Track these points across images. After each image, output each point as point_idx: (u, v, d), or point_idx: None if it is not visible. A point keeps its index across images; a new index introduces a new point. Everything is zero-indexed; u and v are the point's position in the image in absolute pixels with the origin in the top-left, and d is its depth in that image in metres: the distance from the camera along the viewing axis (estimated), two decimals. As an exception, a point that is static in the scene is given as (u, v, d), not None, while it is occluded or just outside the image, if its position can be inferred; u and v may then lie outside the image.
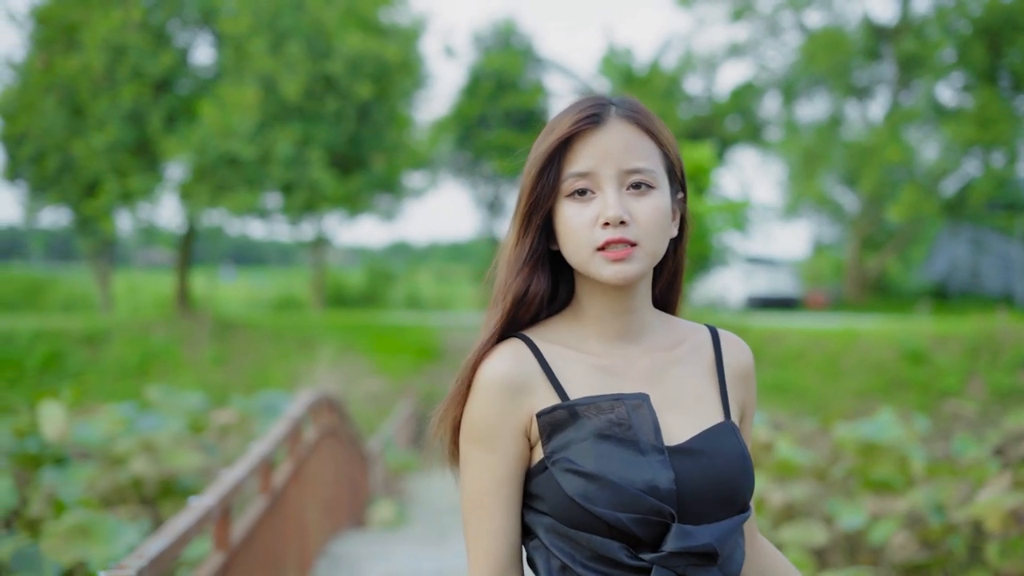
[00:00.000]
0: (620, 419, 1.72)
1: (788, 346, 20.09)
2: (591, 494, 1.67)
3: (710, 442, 1.75)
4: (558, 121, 1.79)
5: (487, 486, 1.76)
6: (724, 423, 1.80)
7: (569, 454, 1.70)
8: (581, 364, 1.80)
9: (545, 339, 1.82)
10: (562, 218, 1.76)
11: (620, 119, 1.78)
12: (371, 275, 33.91)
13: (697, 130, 33.21)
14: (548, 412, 1.73)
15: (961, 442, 11.45)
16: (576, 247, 1.75)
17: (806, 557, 8.11)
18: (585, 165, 1.74)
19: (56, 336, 21.10)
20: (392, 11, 25.22)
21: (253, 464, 4.74)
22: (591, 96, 1.82)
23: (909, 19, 29.75)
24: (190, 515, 3.47)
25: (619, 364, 1.81)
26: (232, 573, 4.24)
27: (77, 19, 22.22)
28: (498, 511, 1.76)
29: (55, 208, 24.14)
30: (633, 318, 1.83)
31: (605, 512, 1.66)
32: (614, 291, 1.80)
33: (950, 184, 29.49)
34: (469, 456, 1.78)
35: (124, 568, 2.71)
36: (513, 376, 1.75)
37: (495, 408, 1.75)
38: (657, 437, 1.71)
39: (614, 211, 1.71)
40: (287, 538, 5.95)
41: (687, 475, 1.71)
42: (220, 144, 21.48)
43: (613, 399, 1.73)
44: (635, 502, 1.66)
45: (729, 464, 1.75)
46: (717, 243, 21.91)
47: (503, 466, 1.76)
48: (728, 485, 1.73)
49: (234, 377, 20.27)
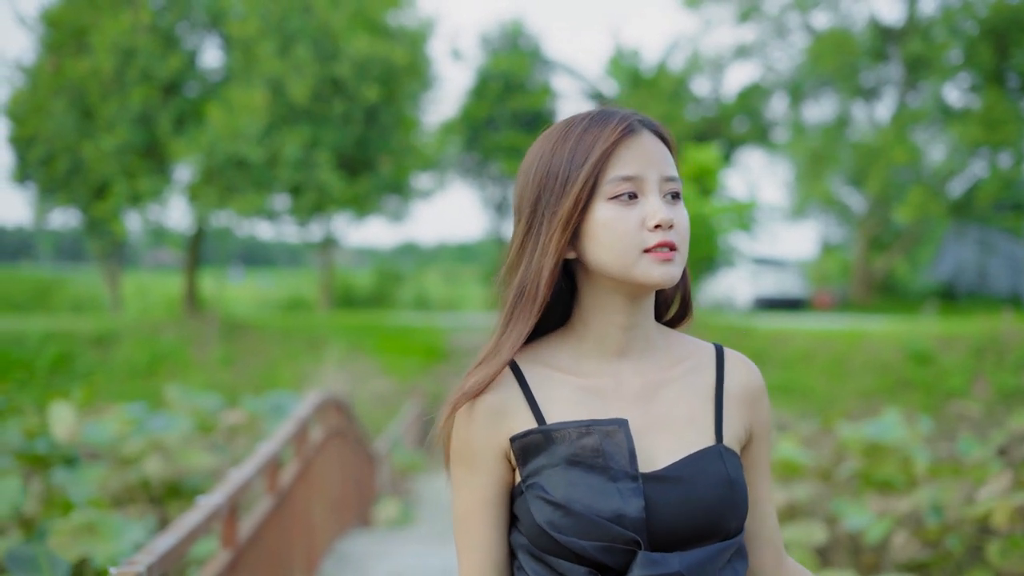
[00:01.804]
0: (592, 445, 1.69)
1: (794, 347, 20.13)
2: (557, 522, 1.66)
3: (691, 468, 1.72)
4: (595, 127, 1.76)
5: (471, 507, 1.77)
6: (711, 448, 1.75)
7: (540, 480, 1.70)
8: (567, 386, 1.78)
9: (534, 360, 1.81)
10: (602, 221, 1.73)
11: (647, 130, 1.79)
12: (379, 276, 34.00)
13: (704, 131, 33.26)
14: (521, 437, 1.72)
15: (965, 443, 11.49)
16: (622, 249, 1.72)
17: (808, 556, 8.17)
18: (632, 169, 1.73)
19: (66, 337, 21.21)
20: (399, 14, 25.30)
21: (260, 464, 4.83)
22: (605, 109, 1.81)
23: (916, 20, 29.77)
24: (198, 513, 3.55)
25: (609, 385, 1.79)
26: (239, 570, 4.33)
27: (87, 22, 22.35)
28: (482, 531, 1.76)
29: (64, 209, 24.29)
30: (636, 333, 1.81)
31: (571, 541, 1.65)
32: (626, 303, 1.78)
33: (957, 185, 29.50)
34: (456, 476, 1.79)
35: (134, 564, 2.79)
36: (492, 400, 1.75)
37: (475, 432, 1.75)
38: (632, 464, 1.68)
39: (665, 214, 1.71)
40: (293, 536, 6.03)
41: (661, 502, 1.68)
42: (228, 146, 21.60)
43: (586, 425, 1.70)
44: (600, 531, 1.64)
45: (710, 491, 1.70)
46: (723, 244, 21.95)
47: (486, 487, 1.76)
48: (708, 512, 1.69)
49: (242, 378, 20.36)
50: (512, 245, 1.81)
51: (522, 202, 1.80)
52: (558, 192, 1.75)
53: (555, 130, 1.81)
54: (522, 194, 1.80)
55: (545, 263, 1.74)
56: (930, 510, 8.60)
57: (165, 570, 2.98)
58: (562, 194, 1.74)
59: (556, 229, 1.74)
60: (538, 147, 1.81)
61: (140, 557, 2.87)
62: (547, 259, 1.74)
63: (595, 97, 37.04)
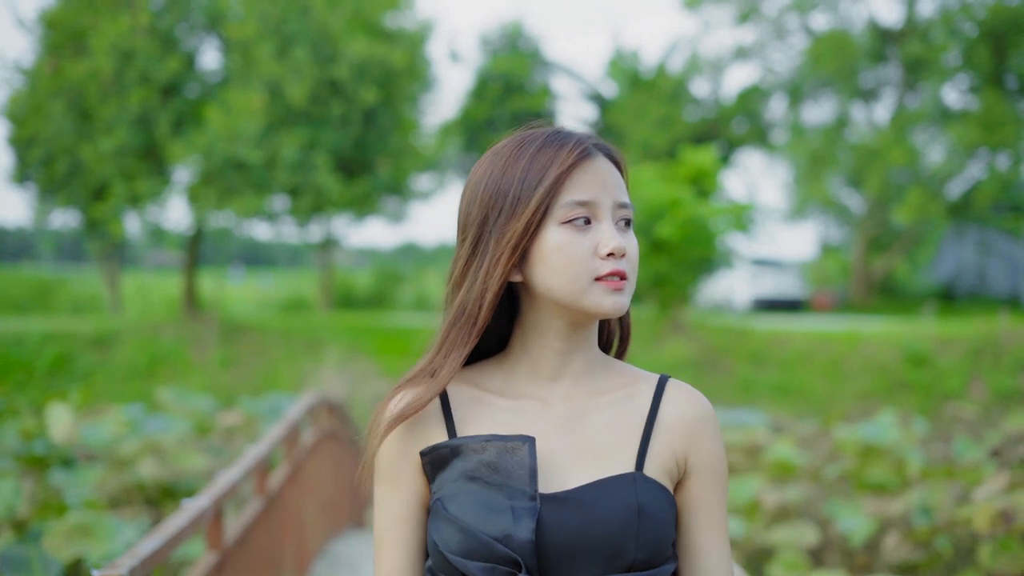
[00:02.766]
0: (490, 461, 1.64)
1: (792, 348, 20.16)
2: (449, 539, 1.62)
3: (597, 492, 1.65)
4: (550, 148, 1.71)
5: (386, 524, 1.73)
6: (626, 474, 1.67)
7: (442, 496, 1.66)
8: (489, 406, 1.75)
9: (463, 380, 1.78)
10: (553, 245, 1.67)
11: (601, 153, 1.74)
12: (379, 276, 34.03)
13: (703, 132, 33.31)
14: (428, 452, 1.69)
15: (961, 444, 11.54)
16: (572, 276, 1.67)
17: (800, 557, 8.22)
18: (587, 194, 1.68)
19: (65, 338, 21.25)
20: (398, 15, 25.34)
21: (248, 466, 4.87)
22: (559, 129, 1.76)
23: (915, 22, 29.81)
24: (183, 516, 3.59)
25: (534, 408, 1.74)
26: (227, 572, 4.38)
27: (86, 24, 22.39)
28: (395, 550, 1.73)
29: (64, 210, 24.34)
30: (573, 359, 1.76)
31: (457, 560, 1.61)
32: (566, 329, 1.74)
33: (956, 186, 29.53)
34: (376, 493, 1.76)
35: (117, 567, 2.84)
36: (399, 411, 1.71)
37: (393, 445, 1.73)
38: (531, 483, 1.61)
39: (618, 242, 1.67)
40: (284, 538, 6.08)
41: (559, 526, 1.61)
42: (227, 148, 21.64)
43: (486, 439, 1.66)
44: (485, 550, 1.59)
45: (613, 517, 1.62)
46: (721, 245, 21.98)
47: (401, 504, 1.72)
48: (607, 539, 1.61)
49: (241, 379, 20.40)
50: (456, 264, 1.75)
51: (468, 220, 1.74)
52: (507, 213, 1.69)
53: (506, 147, 1.75)
54: (468, 211, 1.74)
55: (490, 285, 1.69)
56: (919, 511, 8.65)
57: (147, 572, 3.02)
58: (511, 215, 1.69)
59: (504, 252, 1.69)
60: (487, 164, 1.75)
61: (123, 560, 2.91)
62: (492, 281, 1.69)
63: (594, 99, 37.10)
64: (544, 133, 1.74)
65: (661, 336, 21.32)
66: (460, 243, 1.76)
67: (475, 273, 1.72)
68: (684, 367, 19.74)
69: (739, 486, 9.19)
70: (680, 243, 20.58)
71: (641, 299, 24.37)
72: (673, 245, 20.60)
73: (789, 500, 9.29)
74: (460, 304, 1.73)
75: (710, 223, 21.10)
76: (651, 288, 21.93)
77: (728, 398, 18.32)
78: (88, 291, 33.02)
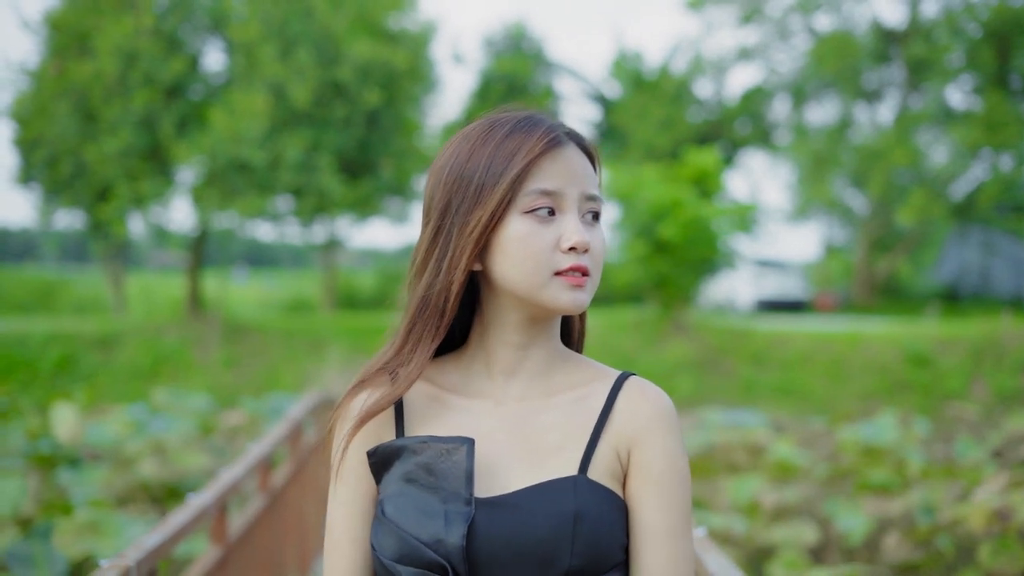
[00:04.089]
0: (427, 462, 1.58)
1: (794, 349, 20.21)
2: (383, 542, 1.58)
3: (534, 497, 1.58)
4: (519, 133, 1.63)
5: (335, 519, 1.69)
6: (566, 478, 1.60)
7: (384, 497, 1.61)
8: (442, 404, 1.70)
9: (421, 377, 1.71)
10: (514, 235, 1.60)
11: (572, 142, 1.66)
12: (382, 277, 34.10)
13: (706, 133, 33.38)
14: (373, 452, 1.63)
15: (963, 444, 11.58)
16: (532, 269, 1.60)
17: (800, 556, 8.25)
18: (553, 184, 1.60)
19: (69, 338, 21.33)
20: (401, 17, 25.40)
21: (251, 464, 4.92)
22: (530, 114, 1.68)
23: (918, 23, 29.85)
24: (187, 511, 3.65)
25: (485, 408, 1.69)
26: (230, 567, 4.43)
27: (90, 26, 22.46)
28: (344, 548, 1.68)
29: (68, 211, 24.42)
30: (530, 354, 1.70)
31: (391, 564, 1.57)
32: (524, 323, 1.68)
33: (960, 187, 29.57)
34: (330, 486, 1.72)
35: (123, 558, 2.89)
36: (362, 411, 1.67)
37: (344, 441, 1.68)
38: (467, 486, 1.55)
39: (582, 236, 1.59)
40: (286, 535, 6.13)
41: (492, 530, 1.55)
42: (230, 149, 21.71)
43: (425, 440, 1.59)
44: (415, 554, 1.54)
45: (547, 522, 1.55)
46: (724, 246, 22.02)
47: (351, 502, 1.67)
48: (539, 545, 1.54)
49: (244, 379, 20.46)
50: (417, 251, 1.69)
51: (431, 204, 1.68)
52: (471, 200, 1.62)
53: (475, 130, 1.69)
54: (432, 195, 1.68)
55: (455, 277, 1.63)
56: (921, 511, 8.69)
57: (153, 565, 3.08)
58: (475, 203, 1.62)
59: (467, 243, 1.62)
60: (454, 147, 1.68)
61: (129, 552, 2.97)
62: (457, 273, 1.63)
63: (597, 99, 37.15)
64: (515, 118, 1.66)
65: (663, 336, 21.37)
66: (423, 228, 1.69)
67: (437, 263, 1.64)
68: (686, 367, 19.79)
69: (739, 486, 9.23)
70: (683, 244, 20.63)
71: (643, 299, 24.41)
72: (675, 246, 20.66)
73: (789, 500, 9.33)
74: (424, 297, 1.65)
75: (713, 224, 21.16)
76: (654, 288, 21.98)
77: (729, 398, 18.37)
78: (91, 292, 33.11)
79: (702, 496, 9.99)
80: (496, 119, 1.68)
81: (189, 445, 10.29)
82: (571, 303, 1.61)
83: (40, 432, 10.03)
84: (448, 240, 1.64)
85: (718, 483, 10.22)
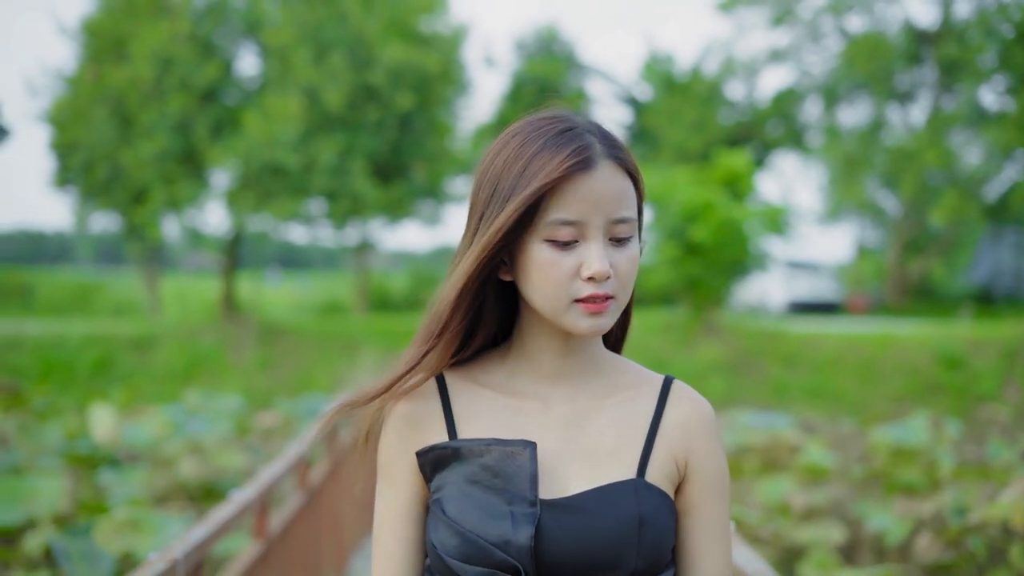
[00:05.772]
0: (491, 465, 1.61)
1: (825, 350, 20.17)
2: (447, 542, 1.60)
3: (598, 499, 1.61)
4: (549, 151, 1.61)
5: (384, 520, 1.71)
6: (627, 481, 1.64)
7: (440, 497, 1.63)
8: (490, 404, 1.71)
9: (465, 376, 1.74)
10: (535, 260, 1.62)
11: (607, 161, 1.63)
12: (415, 279, 34.21)
13: (738, 135, 33.32)
14: (425, 452, 1.66)
15: (995, 446, 11.55)
16: (551, 295, 1.62)
17: (830, 556, 8.29)
18: (573, 213, 1.60)
19: (106, 340, 21.52)
20: (433, 20, 25.52)
21: (290, 462, 5.04)
22: (573, 126, 1.65)
23: (951, 23, 29.69)
24: (231, 506, 3.76)
25: (535, 409, 1.71)
26: (270, 562, 4.55)
27: (126, 32, 22.74)
28: (393, 545, 1.70)
29: (104, 214, 24.71)
30: (574, 360, 1.72)
31: (455, 563, 1.58)
32: (565, 334, 1.70)
33: (993, 188, 29.39)
34: (377, 486, 1.74)
35: (171, 551, 3.01)
36: (409, 412, 1.70)
37: (391, 442, 1.70)
38: (532, 488, 1.58)
39: (601, 266, 1.59)
40: (323, 532, 6.25)
41: (558, 532, 1.58)
42: (265, 153, 21.91)
43: (488, 443, 1.62)
44: (483, 555, 1.56)
45: (614, 525, 1.59)
46: (756, 248, 21.99)
47: (400, 501, 1.70)
48: (607, 548, 1.59)
49: (278, 381, 20.59)
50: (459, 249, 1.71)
51: (473, 205, 1.70)
52: (493, 212, 1.64)
53: (515, 136, 1.68)
54: (475, 195, 1.70)
55: (462, 283, 1.66)
56: (953, 511, 8.70)
57: (199, 558, 3.19)
58: (493, 217, 1.63)
59: (475, 258, 1.64)
60: (496, 150, 1.69)
61: (176, 545, 3.08)
62: (464, 279, 1.65)
63: (628, 102, 37.17)
64: (554, 130, 1.64)
65: (695, 339, 21.38)
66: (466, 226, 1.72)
67: (472, 270, 1.65)
68: (717, 369, 19.79)
69: (770, 487, 9.28)
70: (714, 246, 20.63)
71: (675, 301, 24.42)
72: (707, 248, 20.67)
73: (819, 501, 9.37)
74: (432, 303, 1.70)
75: (744, 226, 21.14)
76: (685, 290, 22.00)
77: (760, 400, 18.35)
78: (127, 294, 33.41)
79: (733, 496, 10.03)
80: (538, 127, 1.66)
81: (226, 445, 10.41)
82: (589, 329, 1.63)
83: (78, 433, 10.19)
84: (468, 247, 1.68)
85: (748, 484, 10.26)
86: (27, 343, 21.09)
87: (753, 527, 8.43)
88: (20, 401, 10.46)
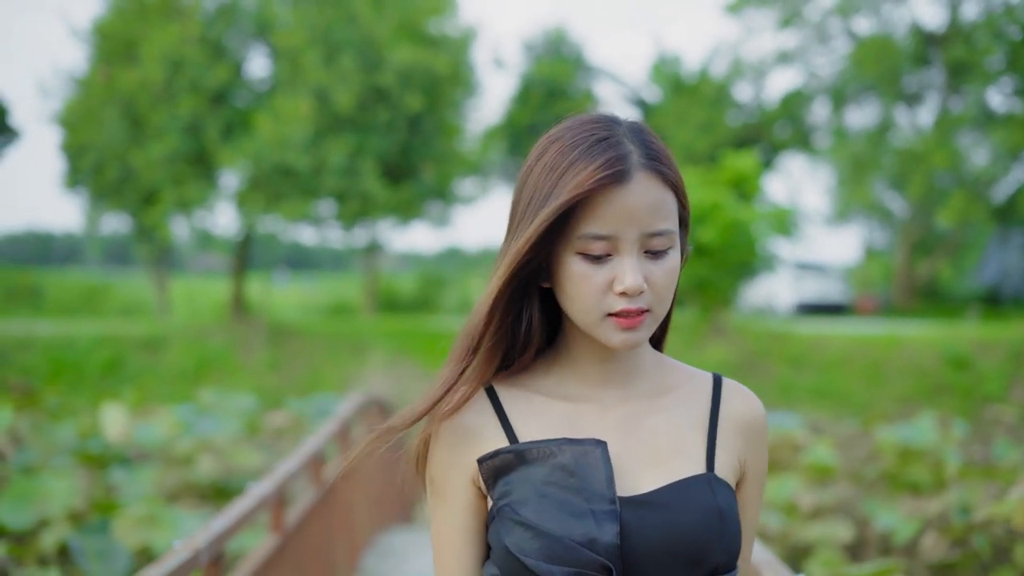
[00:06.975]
0: (565, 465, 1.59)
1: (832, 351, 20.22)
2: (525, 545, 1.56)
3: (677, 495, 1.61)
4: (584, 161, 1.58)
5: (442, 537, 1.69)
6: (701, 475, 1.64)
7: (511, 501, 1.60)
8: (546, 411, 1.69)
9: (514, 384, 1.72)
10: (568, 273, 1.60)
11: (644, 172, 1.60)
12: (423, 281, 34.29)
13: (746, 137, 33.33)
14: (490, 457, 1.63)
15: (1001, 446, 11.61)
16: (585, 308, 1.60)
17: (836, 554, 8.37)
18: (606, 227, 1.57)
19: (116, 341, 21.63)
20: (442, 22, 25.60)
21: (304, 458, 5.13)
22: (611, 134, 1.63)
23: (958, 25, 29.69)
24: (249, 499, 3.86)
25: (592, 411, 1.69)
26: (286, 556, 4.64)
27: (137, 34, 22.86)
28: (455, 563, 1.68)
29: (115, 215, 24.83)
30: (619, 364, 1.71)
31: (538, 565, 1.55)
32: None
33: (1001, 190, 29.41)
34: (430, 504, 1.72)
35: (194, 540, 3.11)
36: (459, 426, 1.67)
37: (443, 457, 1.68)
38: (609, 486, 1.57)
39: (634, 281, 1.57)
40: (336, 528, 6.34)
41: (642, 529, 1.57)
42: (275, 154, 22.02)
43: (560, 443, 1.61)
44: (571, 555, 1.54)
45: (697, 520, 1.59)
46: (763, 250, 22.04)
47: (456, 516, 1.68)
48: (693, 543, 1.58)
49: (288, 381, 20.68)
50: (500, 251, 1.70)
51: (512, 211, 1.68)
52: (528, 222, 1.61)
53: (560, 138, 1.65)
54: (514, 202, 1.68)
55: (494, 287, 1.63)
56: (958, 510, 8.76)
57: (220, 547, 3.28)
58: (521, 228, 1.62)
59: (509, 265, 1.61)
60: (538, 152, 1.66)
61: (199, 535, 3.18)
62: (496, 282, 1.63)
63: (636, 103, 37.22)
64: (593, 138, 1.62)
65: (702, 339, 21.44)
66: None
67: (506, 280, 1.63)
68: (724, 370, 19.84)
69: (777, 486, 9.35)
70: (722, 247, 20.69)
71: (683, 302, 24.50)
72: (715, 249, 20.71)
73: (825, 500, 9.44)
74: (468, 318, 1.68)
75: (752, 227, 21.18)
76: (693, 292, 22.06)
77: (768, 400, 18.36)
78: (136, 295, 33.53)
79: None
80: (578, 133, 1.64)
81: (238, 444, 10.52)
82: (622, 343, 1.61)
83: (91, 432, 10.29)
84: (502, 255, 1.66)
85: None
86: (37, 344, 21.20)
87: (760, 525, 8.50)
88: (33, 401, 10.56)
